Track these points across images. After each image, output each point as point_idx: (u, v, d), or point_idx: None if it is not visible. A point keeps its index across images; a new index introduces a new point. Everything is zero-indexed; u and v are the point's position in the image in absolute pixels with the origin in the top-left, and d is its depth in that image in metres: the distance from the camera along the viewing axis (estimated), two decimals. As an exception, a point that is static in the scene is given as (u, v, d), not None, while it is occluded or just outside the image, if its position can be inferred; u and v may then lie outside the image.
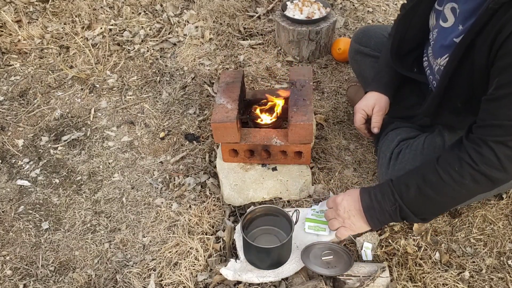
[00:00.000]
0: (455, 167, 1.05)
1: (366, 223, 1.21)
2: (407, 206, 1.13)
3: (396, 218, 1.16)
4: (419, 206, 1.14)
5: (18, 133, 1.89)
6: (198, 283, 1.31)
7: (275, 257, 1.27)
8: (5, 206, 1.60)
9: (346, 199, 1.24)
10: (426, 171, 1.12)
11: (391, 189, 1.16)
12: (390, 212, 1.16)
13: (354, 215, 1.23)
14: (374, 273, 1.22)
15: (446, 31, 1.16)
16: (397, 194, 1.14)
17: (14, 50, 2.32)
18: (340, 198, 1.26)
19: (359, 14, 2.50)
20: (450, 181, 1.06)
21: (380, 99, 1.45)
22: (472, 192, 1.09)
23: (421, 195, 1.11)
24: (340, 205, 1.25)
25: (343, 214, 1.24)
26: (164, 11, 2.52)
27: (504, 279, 1.28)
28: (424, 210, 1.15)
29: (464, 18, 1.09)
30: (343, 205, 1.24)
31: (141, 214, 1.53)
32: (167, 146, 1.79)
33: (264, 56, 2.20)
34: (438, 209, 1.18)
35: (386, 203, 1.16)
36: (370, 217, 1.20)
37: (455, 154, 1.07)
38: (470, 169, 1.03)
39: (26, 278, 1.38)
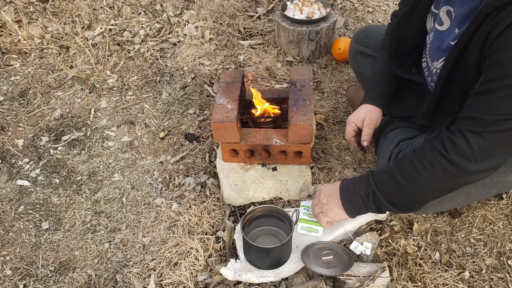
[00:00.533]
0: (427, 155, 1.05)
1: (342, 208, 1.21)
2: (380, 192, 1.13)
3: (369, 204, 1.16)
4: (391, 194, 1.13)
5: (18, 133, 1.89)
6: (198, 283, 1.31)
7: (275, 257, 1.27)
8: (5, 206, 1.60)
9: (328, 186, 1.26)
10: (401, 160, 1.14)
11: (368, 175, 1.17)
12: (363, 197, 1.16)
13: (331, 201, 1.23)
14: (374, 273, 1.22)
15: (442, 34, 1.17)
16: (372, 179, 1.15)
17: (14, 50, 2.32)
18: (323, 186, 1.28)
19: (359, 14, 2.50)
20: (420, 169, 1.05)
21: (371, 112, 1.44)
22: (442, 182, 1.07)
23: (392, 181, 1.11)
24: (321, 192, 1.27)
25: (322, 199, 1.25)
26: (164, 11, 2.52)
27: (504, 279, 1.28)
28: (396, 199, 1.14)
29: (459, 21, 1.10)
30: (324, 191, 1.26)
31: (141, 214, 1.54)
32: (167, 146, 1.79)
33: (264, 56, 2.20)
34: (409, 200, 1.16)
35: (361, 187, 1.17)
36: (344, 200, 1.20)
37: (430, 143, 1.07)
38: (441, 157, 1.02)
39: (26, 278, 1.38)
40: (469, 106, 1.01)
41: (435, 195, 1.15)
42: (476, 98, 0.99)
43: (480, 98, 0.98)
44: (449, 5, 1.14)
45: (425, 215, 1.45)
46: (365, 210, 1.19)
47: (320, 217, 1.26)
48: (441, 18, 1.17)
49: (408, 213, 1.24)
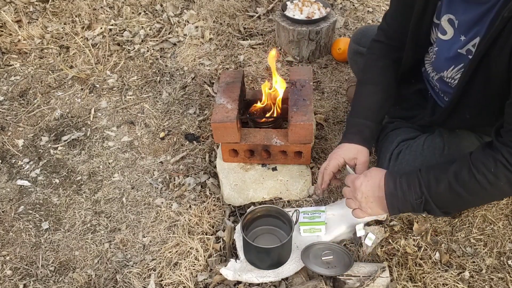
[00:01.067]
0: (490, 167, 1.00)
1: (384, 209, 1.15)
2: (433, 200, 1.07)
3: (418, 210, 1.10)
4: (446, 202, 1.09)
5: (18, 133, 1.89)
6: (198, 283, 1.31)
7: (275, 257, 1.27)
8: (5, 206, 1.60)
9: (365, 184, 1.16)
10: (459, 169, 1.05)
11: (419, 181, 1.09)
12: (414, 205, 1.09)
13: (372, 201, 1.16)
14: (374, 273, 1.22)
15: (447, 43, 1.15)
16: (425, 188, 1.07)
17: (14, 50, 2.32)
18: (359, 182, 1.17)
19: (359, 14, 2.50)
20: (485, 183, 1.00)
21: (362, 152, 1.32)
22: (505, 194, 1.07)
23: (451, 192, 1.05)
24: (358, 190, 1.17)
25: (360, 198, 1.17)
26: (164, 11, 2.52)
27: (504, 279, 1.28)
28: (450, 206, 1.11)
29: (465, 28, 1.09)
30: (362, 190, 1.16)
31: (141, 214, 1.53)
32: (167, 146, 1.79)
33: (264, 56, 2.20)
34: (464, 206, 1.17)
35: (412, 194, 1.09)
36: (391, 205, 1.13)
37: (489, 154, 1.01)
38: (505, 170, 0.98)
39: (26, 278, 1.38)
40: None
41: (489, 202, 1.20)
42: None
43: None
44: (450, 13, 1.12)
45: (425, 215, 1.45)
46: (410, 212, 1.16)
47: (357, 212, 1.20)
48: (443, 27, 1.16)
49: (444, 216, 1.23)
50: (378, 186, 1.14)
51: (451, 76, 1.19)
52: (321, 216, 1.37)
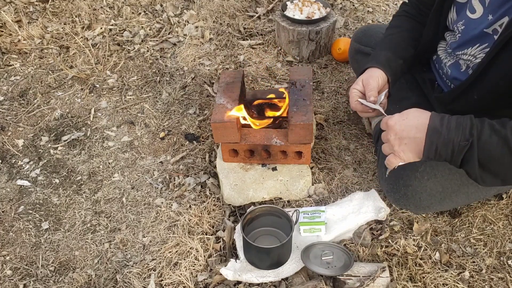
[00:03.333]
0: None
1: (418, 154, 1.02)
2: (479, 149, 0.95)
3: (458, 156, 0.97)
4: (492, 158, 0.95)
5: (18, 133, 1.89)
6: (198, 283, 1.31)
7: (275, 257, 1.27)
8: (5, 206, 1.60)
9: (400, 123, 1.04)
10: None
11: (471, 123, 0.97)
12: (456, 147, 0.96)
13: (406, 143, 1.02)
14: (374, 273, 1.22)
15: (475, 22, 1.15)
16: (476, 131, 0.95)
17: (14, 50, 2.32)
18: (392, 121, 1.05)
19: (359, 14, 2.50)
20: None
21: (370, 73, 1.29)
22: None
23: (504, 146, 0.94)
24: (391, 129, 1.05)
25: (393, 140, 1.04)
26: (164, 11, 2.52)
27: (504, 279, 1.28)
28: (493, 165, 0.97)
29: (494, 8, 1.09)
30: (395, 129, 1.04)
31: (141, 214, 1.54)
32: (167, 146, 1.79)
33: (264, 56, 2.20)
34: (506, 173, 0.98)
35: (458, 134, 0.96)
36: (429, 143, 0.99)
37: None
38: None
39: (26, 278, 1.38)
40: None
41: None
42: None
43: None
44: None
45: (425, 215, 1.45)
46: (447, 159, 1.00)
47: (390, 159, 1.07)
48: (473, 5, 1.15)
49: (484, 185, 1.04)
50: (416, 126, 1.02)
51: (474, 54, 1.17)
52: (321, 216, 1.37)
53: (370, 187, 1.53)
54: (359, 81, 1.28)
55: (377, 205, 1.42)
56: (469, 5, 1.17)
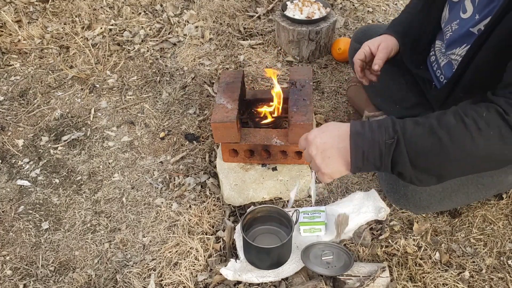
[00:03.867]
0: (482, 113, 0.86)
1: (346, 163, 0.95)
2: (407, 144, 0.89)
3: (387, 157, 0.91)
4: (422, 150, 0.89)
5: (18, 133, 1.89)
6: (198, 283, 1.31)
7: (275, 257, 1.27)
8: (5, 206, 1.60)
9: (320, 136, 0.97)
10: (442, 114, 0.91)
11: (392, 121, 0.93)
12: (382, 146, 0.90)
13: (329, 156, 0.95)
14: (374, 273, 1.22)
15: (465, 22, 1.16)
16: (400, 127, 0.90)
17: (14, 50, 2.32)
18: (312, 135, 0.99)
19: (359, 14, 2.50)
20: (473, 128, 0.85)
21: (388, 39, 1.39)
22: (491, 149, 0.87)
23: (431, 135, 0.88)
24: (312, 144, 0.98)
25: (314, 154, 0.97)
26: (164, 11, 2.52)
27: (504, 279, 1.28)
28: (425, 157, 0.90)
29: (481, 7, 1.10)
30: (316, 143, 0.97)
31: (141, 214, 1.53)
32: (167, 146, 1.79)
33: (264, 56, 2.20)
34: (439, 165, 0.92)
35: (382, 133, 0.91)
36: (354, 147, 0.92)
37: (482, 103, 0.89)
38: (499, 118, 0.85)
39: (26, 278, 1.38)
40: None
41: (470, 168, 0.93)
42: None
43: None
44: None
45: (425, 215, 1.45)
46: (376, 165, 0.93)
47: (319, 176, 1.01)
48: (465, 6, 1.16)
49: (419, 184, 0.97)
50: (338, 136, 0.95)
51: (461, 53, 1.18)
52: (321, 216, 1.37)
53: (370, 187, 1.53)
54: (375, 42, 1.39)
55: (377, 205, 1.42)
56: (462, 5, 1.18)
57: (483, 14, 1.08)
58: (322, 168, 0.97)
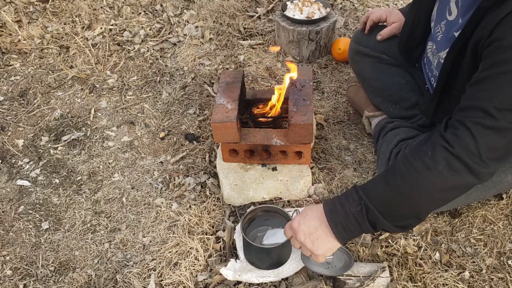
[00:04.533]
0: (428, 151, 0.92)
1: (332, 238, 1.02)
2: (375, 205, 0.96)
3: (363, 223, 0.98)
4: (389, 205, 0.96)
5: (18, 133, 1.89)
6: (198, 283, 1.31)
7: (275, 257, 1.27)
8: (5, 206, 1.60)
9: (303, 221, 1.05)
10: (394, 164, 0.98)
11: (355, 189, 1.00)
12: (356, 215, 0.97)
13: (317, 238, 1.03)
14: (374, 273, 1.22)
15: (451, 24, 1.16)
16: (362, 192, 0.98)
17: (14, 50, 2.32)
18: (296, 223, 1.07)
19: (359, 14, 2.50)
20: (421, 168, 0.91)
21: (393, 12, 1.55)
22: (448, 182, 0.92)
23: (390, 188, 0.95)
24: (299, 231, 1.05)
25: (304, 240, 1.04)
26: (164, 11, 2.52)
27: (504, 279, 1.28)
28: (393, 210, 0.97)
29: (463, 11, 1.09)
30: (302, 230, 1.05)
31: (141, 214, 1.54)
32: (167, 146, 1.79)
33: (264, 56, 2.20)
34: (409, 209, 0.97)
35: (350, 204, 0.99)
36: (334, 225, 1.00)
37: (429, 141, 0.95)
38: (444, 152, 0.90)
39: (26, 278, 1.38)
40: (469, 96, 0.93)
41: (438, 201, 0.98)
42: (475, 87, 0.92)
43: (479, 86, 0.91)
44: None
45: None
46: (359, 231, 1.00)
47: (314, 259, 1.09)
48: (450, 8, 1.16)
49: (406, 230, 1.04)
50: (317, 217, 1.03)
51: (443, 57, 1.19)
52: (321, 216, 1.37)
53: (370, 187, 1.53)
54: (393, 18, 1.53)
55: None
56: (448, 6, 1.18)
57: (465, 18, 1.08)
58: (315, 251, 1.04)
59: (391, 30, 1.55)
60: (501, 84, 0.88)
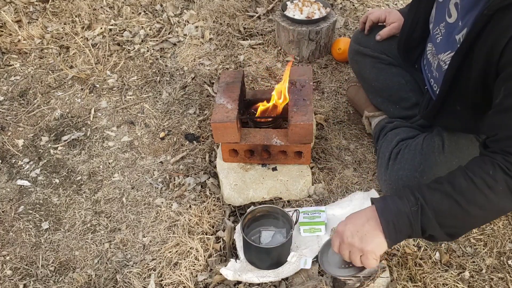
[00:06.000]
0: (489, 170, 0.92)
1: (380, 233, 0.98)
2: (430, 208, 0.95)
3: (416, 223, 0.96)
4: (444, 213, 0.95)
5: (18, 133, 1.89)
6: (198, 283, 1.31)
7: (275, 257, 1.27)
8: (5, 206, 1.60)
9: (350, 222, 1.03)
10: (453, 177, 0.97)
11: (411, 190, 0.99)
12: (409, 214, 0.95)
13: (365, 234, 0.99)
14: (374, 273, 1.22)
15: (451, 26, 1.16)
16: (419, 194, 0.97)
17: (14, 50, 2.32)
18: (341, 225, 1.05)
19: (359, 14, 2.50)
20: (483, 186, 0.92)
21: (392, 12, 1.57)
22: (503, 203, 0.94)
23: (448, 199, 0.94)
24: (345, 233, 1.02)
25: (351, 240, 1.00)
26: (164, 11, 2.52)
27: (504, 279, 1.28)
28: (448, 219, 0.96)
29: (463, 14, 1.09)
30: (349, 229, 1.01)
31: (141, 214, 1.54)
32: (167, 146, 1.79)
33: (264, 56, 2.20)
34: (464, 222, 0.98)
35: (405, 203, 0.97)
36: (385, 222, 0.97)
37: (486, 159, 0.95)
38: (504, 174, 0.91)
39: (26, 278, 1.38)
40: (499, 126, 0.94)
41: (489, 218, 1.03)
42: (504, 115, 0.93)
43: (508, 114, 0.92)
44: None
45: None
46: (409, 233, 0.98)
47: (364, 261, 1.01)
48: (450, 10, 1.16)
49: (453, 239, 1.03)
50: (365, 216, 1.02)
51: (444, 60, 1.18)
52: (321, 216, 1.37)
53: (370, 187, 1.53)
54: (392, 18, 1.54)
55: (377, 205, 1.42)
56: (447, 8, 1.17)
57: (465, 21, 1.07)
58: (364, 247, 0.99)
59: (390, 30, 1.54)
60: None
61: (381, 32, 1.57)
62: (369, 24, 1.62)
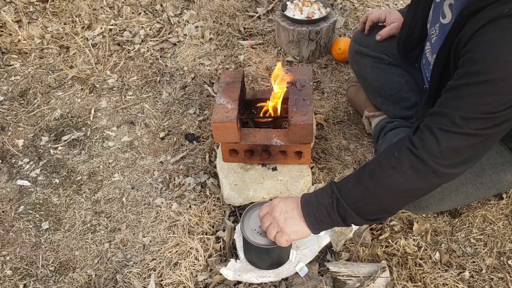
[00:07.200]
0: (394, 152, 0.99)
1: (303, 224, 1.09)
2: (345, 199, 1.03)
3: (334, 215, 1.04)
4: (358, 200, 1.03)
5: (18, 133, 1.89)
6: (198, 283, 1.31)
7: (275, 257, 1.27)
8: (5, 206, 1.60)
9: (284, 201, 1.14)
10: (368, 162, 1.06)
11: (330, 184, 1.08)
12: (327, 206, 1.05)
13: (291, 217, 1.10)
14: (374, 273, 1.22)
15: (445, 27, 1.17)
16: (336, 187, 1.06)
17: (14, 50, 2.32)
18: (276, 200, 1.15)
19: (359, 14, 2.50)
20: (388, 167, 0.98)
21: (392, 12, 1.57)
22: (410, 182, 0.98)
23: (359, 185, 1.02)
24: (276, 207, 1.13)
25: (278, 216, 1.11)
26: (164, 11, 2.52)
27: (504, 279, 1.28)
28: (363, 205, 1.03)
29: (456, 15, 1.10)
30: (280, 206, 1.13)
31: (141, 214, 1.54)
32: (167, 146, 1.79)
33: (264, 56, 2.20)
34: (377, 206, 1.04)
35: (324, 196, 1.07)
36: (306, 214, 1.08)
37: (398, 142, 1.02)
38: (409, 153, 0.96)
39: (26, 278, 1.38)
40: (441, 102, 0.98)
41: (404, 199, 1.04)
42: (446, 94, 0.97)
43: (450, 94, 0.96)
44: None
45: (425, 215, 1.45)
46: (330, 222, 1.07)
47: (278, 237, 1.12)
48: (444, 11, 1.17)
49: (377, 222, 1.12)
50: (296, 203, 1.12)
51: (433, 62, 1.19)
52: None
53: (370, 187, 1.53)
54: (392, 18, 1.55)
55: (377, 205, 1.42)
56: (441, 9, 1.18)
57: None
58: (284, 227, 1.10)
59: (390, 30, 1.55)
60: (468, 94, 0.92)
61: (381, 32, 1.57)
62: (369, 24, 1.61)
